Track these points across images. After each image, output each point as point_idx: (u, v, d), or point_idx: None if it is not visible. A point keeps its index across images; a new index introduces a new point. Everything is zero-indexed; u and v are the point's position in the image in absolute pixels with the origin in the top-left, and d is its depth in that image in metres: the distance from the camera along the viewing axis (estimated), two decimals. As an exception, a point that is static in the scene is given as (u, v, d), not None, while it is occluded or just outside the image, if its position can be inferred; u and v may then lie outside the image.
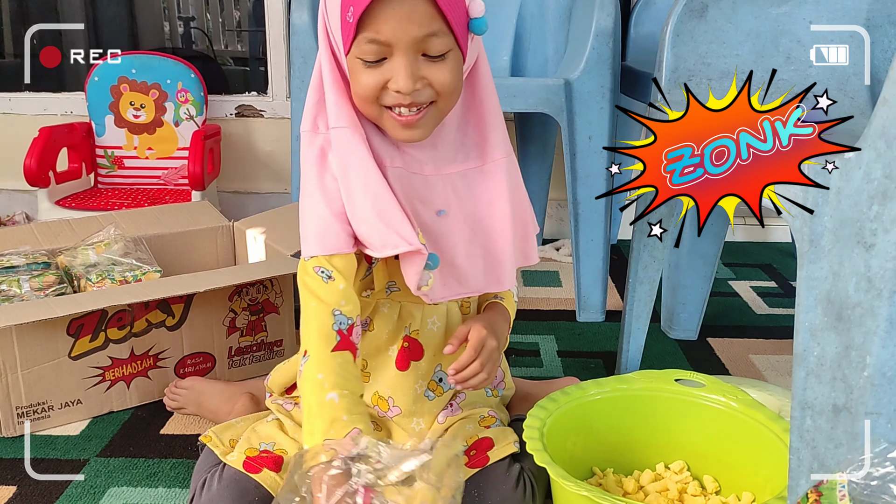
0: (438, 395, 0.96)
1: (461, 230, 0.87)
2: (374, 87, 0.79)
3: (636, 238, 1.23)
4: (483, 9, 0.80)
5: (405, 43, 0.76)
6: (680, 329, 1.51)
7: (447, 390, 0.96)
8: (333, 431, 0.78)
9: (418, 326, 0.94)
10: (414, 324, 0.93)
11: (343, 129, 0.82)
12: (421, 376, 0.94)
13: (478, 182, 0.87)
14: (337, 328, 0.82)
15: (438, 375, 0.96)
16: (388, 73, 0.78)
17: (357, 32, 0.77)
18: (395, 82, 0.78)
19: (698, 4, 1.11)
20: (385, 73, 0.78)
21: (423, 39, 0.77)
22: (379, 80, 0.79)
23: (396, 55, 0.77)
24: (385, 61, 0.78)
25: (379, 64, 0.78)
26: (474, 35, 0.82)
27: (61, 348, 1.15)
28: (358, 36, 0.77)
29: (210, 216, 1.54)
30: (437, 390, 0.96)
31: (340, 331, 0.82)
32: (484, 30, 0.81)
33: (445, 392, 0.96)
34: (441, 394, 0.96)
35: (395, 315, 0.93)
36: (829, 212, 0.69)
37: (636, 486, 0.96)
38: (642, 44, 1.90)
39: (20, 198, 2.19)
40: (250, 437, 0.92)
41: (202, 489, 0.87)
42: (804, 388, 0.72)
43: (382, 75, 0.78)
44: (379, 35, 0.76)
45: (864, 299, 0.68)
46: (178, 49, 2.85)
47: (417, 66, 0.78)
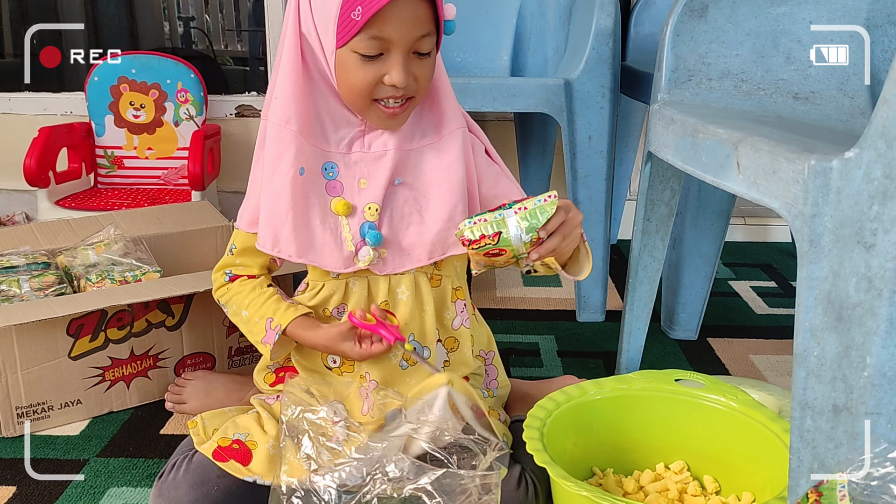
0: (412, 364, 0.98)
1: (415, 199, 0.95)
2: (370, 81, 0.87)
3: (636, 238, 1.23)
4: (455, 12, 0.89)
5: (405, 42, 0.85)
6: (680, 329, 1.51)
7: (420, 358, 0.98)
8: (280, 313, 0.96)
9: (386, 297, 0.97)
10: (381, 295, 0.97)
11: (283, 129, 0.90)
12: (395, 345, 0.96)
13: (435, 155, 0.95)
14: (227, 280, 1.02)
15: (412, 344, 0.98)
16: (384, 69, 0.86)
17: (360, 30, 0.83)
18: (392, 77, 0.86)
19: (698, 4, 1.11)
20: (381, 69, 0.86)
21: (419, 40, 0.86)
22: (375, 76, 0.87)
23: (394, 52, 0.85)
24: (381, 56, 0.86)
25: (375, 59, 0.86)
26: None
27: (61, 348, 1.15)
28: (360, 33, 0.84)
29: (210, 216, 1.54)
30: (411, 360, 0.98)
31: (231, 277, 1.02)
32: (453, 30, 0.90)
33: (418, 362, 0.98)
34: (414, 363, 0.98)
35: (364, 291, 0.98)
36: (829, 212, 0.69)
37: (636, 486, 0.96)
38: (642, 44, 1.90)
39: (20, 198, 2.19)
40: (227, 427, 0.94)
41: (171, 470, 0.91)
42: (804, 388, 0.72)
43: (378, 70, 0.86)
44: (383, 33, 0.84)
45: (865, 299, 0.68)
46: (178, 49, 2.85)
47: (410, 63, 0.87)
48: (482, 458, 0.85)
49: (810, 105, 1.12)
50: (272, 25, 2.11)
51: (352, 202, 0.94)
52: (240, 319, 1.01)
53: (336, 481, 0.84)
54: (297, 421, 0.88)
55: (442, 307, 1.00)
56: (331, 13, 0.85)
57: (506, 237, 0.81)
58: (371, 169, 0.94)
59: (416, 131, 0.95)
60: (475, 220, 0.82)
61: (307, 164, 0.92)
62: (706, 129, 0.91)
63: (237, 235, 1.00)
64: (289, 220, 0.92)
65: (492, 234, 0.81)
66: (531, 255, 0.83)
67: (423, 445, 0.88)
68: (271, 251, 0.94)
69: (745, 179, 0.82)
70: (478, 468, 0.84)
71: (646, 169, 1.18)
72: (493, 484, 0.81)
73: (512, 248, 0.82)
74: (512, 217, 0.81)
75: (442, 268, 0.99)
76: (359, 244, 0.94)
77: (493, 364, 1.09)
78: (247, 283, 1.01)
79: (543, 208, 0.81)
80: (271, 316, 0.97)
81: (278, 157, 0.92)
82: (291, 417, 0.88)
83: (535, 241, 0.82)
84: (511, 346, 1.46)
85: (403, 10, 0.83)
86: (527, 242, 0.82)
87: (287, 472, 0.84)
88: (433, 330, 0.99)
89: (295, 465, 0.84)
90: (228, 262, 1.01)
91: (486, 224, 0.82)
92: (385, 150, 0.94)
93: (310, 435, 0.87)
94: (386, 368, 0.97)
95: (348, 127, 0.94)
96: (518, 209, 0.81)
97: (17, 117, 2.17)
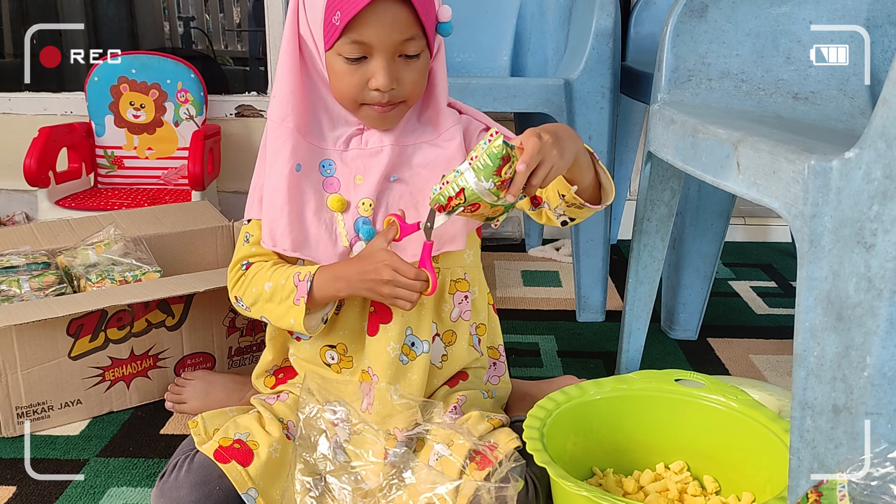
0: (412, 359, 0.98)
1: (410, 194, 0.95)
2: (356, 87, 0.89)
3: (636, 238, 1.23)
4: (450, 14, 0.90)
5: (386, 46, 0.86)
6: (680, 329, 1.51)
7: (420, 354, 0.98)
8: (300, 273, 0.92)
9: None
10: None
11: (281, 126, 0.92)
12: (392, 339, 0.96)
13: (431, 151, 0.96)
14: (244, 269, 0.98)
15: (410, 340, 0.98)
16: (369, 73, 0.88)
17: (342, 34, 0.85)
18: (375, 81, 0.87)
19: (698, 4, 1.11)
20: (366, 73, 0.88)
21: (402, 43, 0.87)
22: (361, 80, 0.88)
23: (377, 56, 0.87)
24: (365, 60, 0.87)
25: (359, 62, 0.88)
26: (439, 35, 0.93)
27: (61, 348, 1.15)
28: (342, 37, 0.85)
29: (210, 216, 1.54)
30: (410, 354, 0.98)
31: (247, 266, 0.98)
32: (450, 32, 0.91)
33: (418, 356, 0.98)
34: (414, 358, 0.98)
35: None
36: (829, 212, 0.69)
37: (636, 486, 0.96)
38: (642, 44, 1.90)
39: (20, 198, 2.19)
40: (229, 427, 0.94)
41: (172, 470, 0.91)
42: (804, 388, 0.72)
43: (363, 74, 0.88)
44: (362, 37, 0.85)
45: (865, 299, 0.68)
46: (178, 49, 2.85)
47: (395, 67, 0.88)
48: (496, 466, 0.85)
49: (810, 105, 1.12)
50: (272, 25, 2.11)
51: (347, 198, 0.95)
52: (263, 297, 0.95)
53: (351, 484, 0.85)
54: (315, 420, 0.87)
55: (439, 301, 1.00)
56: (318, 17, 0.87)
57: (470, 191, 0.80)
58: (367, 165, 0.95)
59: (415, 128, 0.96)
60: (440, 185, 0.82)
61: (304, 161, 0.93)
62: (706, 129, 0.92)
63: (251, 226, 0.98)
64: (284, 215, 0.93)
65: (455, 192, 0.80)
66: (508, 197, 0.80)
67: (439, 449, 0.88)
68: (269, 246, 0.94)
69: (745, 179, 0.82)
70: (493, 476, 0.84)
71: (646, 169, 1.18)
72: (508, 497, 0.81)
73: (481, 199, 0.80)
74: (468, 171, 0.79)
75: (440, 261, 0.99)
76: (353, 239, 0.94)
77: (503, 362, 1.09)
78: (265, 263, 0.97)
79: (489, 149, 0.78)
80: (297, 272, 0.93)
81: (275, 153, 0.93)
82: (309, 416, 0.87)
83: (501, 183, 0.79)
84: (511, 346, 1.46)
85: (382, 14, 0.84)
86: (491, 189, 0.79)
87: (302, 471, 0.84)
88: (429, 324, 0.98)
89: (310, 465, 0.84)
90: (244, 254, 0.99)
91: (448, 186, 0.81)
92: (381, 147, 0.94)
93: (327, 435, 0.87)
94: (385, 361, 0.96)
95: (346, 125, 0.95)
96: (470, 160, 0.79)
97: (17, 117, 2.17)
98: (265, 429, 0.94)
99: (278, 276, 0.94)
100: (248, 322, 1.32)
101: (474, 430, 0.91)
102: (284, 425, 0.95)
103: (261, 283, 0.95)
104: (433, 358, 1.00)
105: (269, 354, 1.05)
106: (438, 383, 1.03)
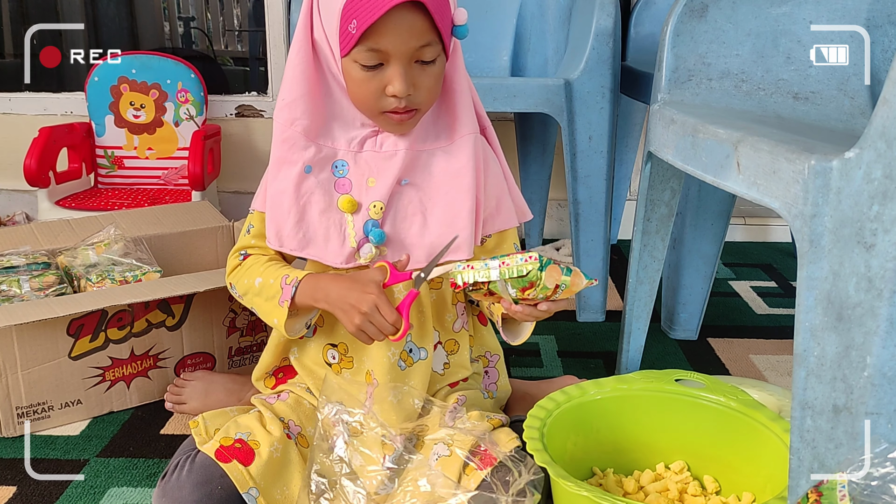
0: (409, 364, 0.98)
1: (420, 201, 0.95)
2: (373, 94, 0.88)
3: (636, 238, 1.23)
4: (466, 17, 0.89)
5: (402, 53, 0.86)
6: (680, 329, 1.51)
7: (417, 361, 0.98)
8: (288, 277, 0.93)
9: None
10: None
11: (289, 129, 0.92)
12: (392, 344, 0.96)
13: (445, 158, 0.95)
14: (241, 259, 1.00)
15: (409, 346, 0.98)
16: (386, 80, 0.87)
17: (358, 42, 0.85)
18: (392, 87, 0.87)
19: (698, 4, 1.11)
20: (382, 80, 0.87)
21: (419, 50, 0.86)
22: (378, 87, 0.88)
23: (393, 63, 0.86)
24: (382, 67, 0.87)
25: (376, 69, 0.87)
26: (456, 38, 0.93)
27: (61, 348, 1.15)
28: (358, 45, 0.85)
29: (210, 216, 1.54)
30: (408, 360, 0.98)
31: (245, 257, 1.00)
32: (466, 35, 0.91)
33: (416, 363, 0.98)
34: (411, 364, 0.98)
35: None
36: (829, 212, 0.69)
37: (636, 486, 0.96)
38: (642, 44, 1.90)
39: (20, 198, 2.19)
40: (229, 427, 0.94)
41: (174, 470, 0.91)
42: (804, 388, 0.72)
43: (380, 81, 0.87)
44: (379, 45, 0.85)
45: (865, 299, 0.68)
46: (178, 49, 2.85)
47: (412, 73, 0.87)
48: (516, 476, 0.85)
49: (810, 105, 1.12)
50: (272, 25, 2.11)
51: (358, 199, 0.95)
52: (252, 291, 0.97)
53: (367, 488, 0.85)
54: (333, 421, 0.87)
55: (442, 309, 1.01)
56: (333, 24, 0.86)
57: (495, 286, 0.85)
58: (380, 168, 0.94)
59: (430, 132, 0.96)
60: (464, 266, 0.86)
61: (314, 163, 0.94)
62: (706, 129, 0.92)
63: (254, 217, 1.00)
64: (291, 215, 0.93)
65: (482, 282, 0.85)
66: (514, 307, 0.87)
67: (438, 449, 0.88)
68: (276, 246, 0.95)
69: (745, 179, 0.82)
70: (511, 486, 0.84)
71: (646, 169, 1.18)
72: None
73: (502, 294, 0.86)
74: (495, 270, 0.84)
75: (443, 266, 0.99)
76: (361, 241, 0.94)
77: (495, 367, 1.09)
78: (262, 257, 0.99)
79: (523, 267, 0.84)
80: (286, 274, 0.95)
81: (283, 156, 0.93)
82: (328, 416, 0.87)
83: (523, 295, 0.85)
84: (511, 346, 1.46)
85: (399, 22, 0.84)
86: (513, 295, 0.85)
87: (318, 471, 0.84)
88: (431, 331, 0.99)
89: (326, 466, 0.84)
90: (244, 244, 1.01)
91: (474, 272, 0.85)
92: (396, 150, 0.94)
93: (345, 437, 0.86)
94: (385, 366, 0.97)
95: (362, 127, 0.95)
96: (503, 262, 0.84)
97: (17, 117, 2.17)
98: (266, 428, 0.94)
99: (268, 275, 0.96)
100: (248, 322, 1.32)
101: (474, 430, 0.91)
102: (285, 425, 0.95)
103: (252, 277, 0.97)
104: (435, 365, 1.01)
105: (269, 355, 1.05)
106: (439, 388, 1.03)
